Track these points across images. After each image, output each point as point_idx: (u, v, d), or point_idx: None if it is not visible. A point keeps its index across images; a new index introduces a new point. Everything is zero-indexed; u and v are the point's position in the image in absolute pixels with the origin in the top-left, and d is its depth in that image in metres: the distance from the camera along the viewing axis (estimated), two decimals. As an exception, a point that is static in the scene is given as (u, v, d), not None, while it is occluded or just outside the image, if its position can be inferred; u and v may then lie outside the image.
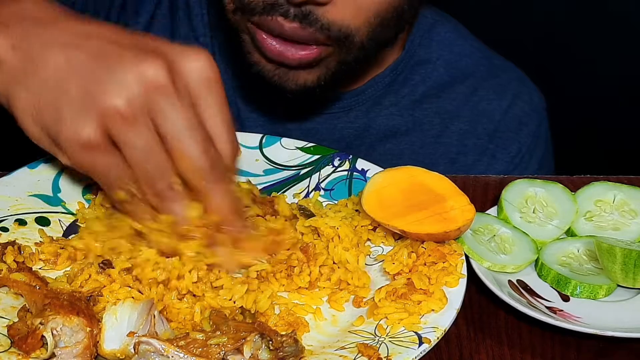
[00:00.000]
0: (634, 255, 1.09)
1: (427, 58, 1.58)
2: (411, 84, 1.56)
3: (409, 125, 1.56)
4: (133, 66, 1.00)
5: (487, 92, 1.59)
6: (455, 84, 1.58)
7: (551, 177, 1.26)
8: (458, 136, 1.56)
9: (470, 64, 1.60)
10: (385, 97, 1.55)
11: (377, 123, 1.55)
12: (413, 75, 1.57)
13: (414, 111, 1.56)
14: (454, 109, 1.57)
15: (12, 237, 1.13)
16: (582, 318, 1.08)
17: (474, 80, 1.59)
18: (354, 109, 1.54)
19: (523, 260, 1.14)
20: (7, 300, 1.05)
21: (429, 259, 1.08)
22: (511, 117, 1.58)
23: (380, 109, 1.55)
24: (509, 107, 1.59)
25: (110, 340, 0.96)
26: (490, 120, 1.57)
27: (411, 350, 0.98)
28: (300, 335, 1.02)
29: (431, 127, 1.56)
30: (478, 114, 1.57)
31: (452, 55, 1.59)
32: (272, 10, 1.29)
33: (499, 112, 1.58)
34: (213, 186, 1.04)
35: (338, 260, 1.11)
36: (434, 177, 1.16)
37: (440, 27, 1.60)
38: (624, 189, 1.22)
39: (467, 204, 1.11)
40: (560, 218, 1.20)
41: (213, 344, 0.95)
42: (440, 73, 1.58)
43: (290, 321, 1.04)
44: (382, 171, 1.19)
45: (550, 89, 1.75)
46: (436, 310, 1.03)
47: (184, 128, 1.01)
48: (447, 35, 1.60)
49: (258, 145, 1.28)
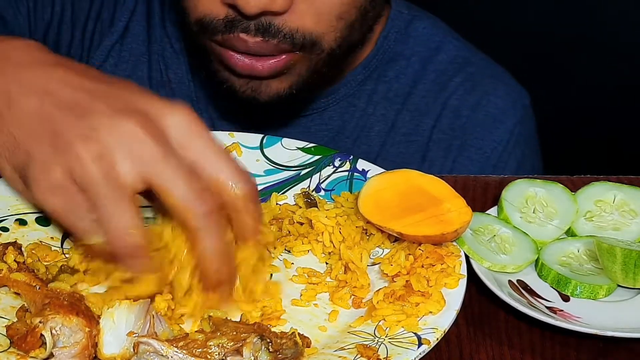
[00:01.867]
0: (634, 256, 1.09)
1: (401, 54, 1.56)
2: (384, 81, 1.55)
3: (381, 125, 1.54)
4: (107, 118, 0.99)
5: (457, 87, 1.56)
6: (427, 80, 1.56)
7: (551, 177, 1.26)
8: (428, 133, 1.54)
9: (444, 60, 1.57)
10: (359, 97, 1.54)
11: (351, 124, 1.54)
12: (387, 71, 1.55)
13: (386, 110, 1.55)
14: (424, 106, 1.55)
15: (12, 237, 1.13)
16: (582, 318, 1.08)
17: (446, 76, 1.56)
18: (327, 110, 1.53)
19: (523, 261, 1.14)
20: (6, 300, 1.05)
21: (427, 261, 1.08)
22: (483, 114, 1.55)
23: (355, 110, 1.54)
24: (478, 103, 1.55)
25: (109, 344, 0.96)
26: (457, 116, 1.55)
27: (410, 351, 0.98)
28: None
29: (402, 125, 1.54)
30: (446, 110, 1.55)
31: (427, 51, 1.57)
32: (232, 28, 1.30)
33: (467, 108, 1.55)
34: (204, 229, 0.99)
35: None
36: (430, 179, 1.16)
37: (417, 22, 1.58)
38: (624, 189, 1.22)
39: (464, 207, 1.11)
40: (560, 218, 1.20)
41: (213, 344, 0.95)
42: (414, 69, 1.56)
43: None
44: (379, 174, 1.19)
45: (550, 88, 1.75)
46: (434, 312, 1.03)
47: (161, 164, 0.98)
48: (424, 31, 1.58)
49: (259, 145, 1.28)
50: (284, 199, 1.23)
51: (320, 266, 1.14)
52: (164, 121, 1.00)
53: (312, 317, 1.07)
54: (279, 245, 1.15)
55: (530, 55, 2.14)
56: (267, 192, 1.23)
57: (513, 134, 1.55)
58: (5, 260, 1.06)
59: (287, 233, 1.17)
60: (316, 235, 1.15)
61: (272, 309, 1.06)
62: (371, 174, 1.23)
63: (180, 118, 1.01)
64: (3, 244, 1.09)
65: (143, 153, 0.98)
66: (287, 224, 1.17)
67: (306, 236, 1.16)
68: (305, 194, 1.21)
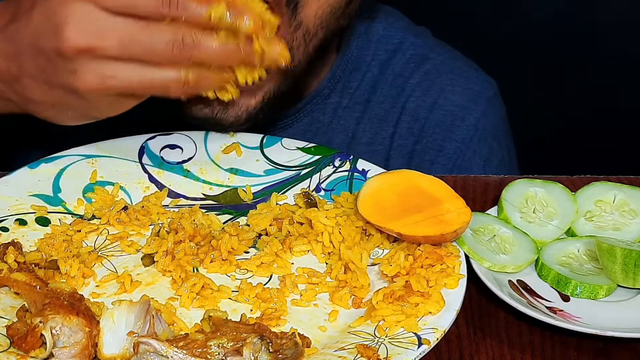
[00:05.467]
0: (634, 255, 1.09)
1: (363, 60, 1.49)
2: (349, 93, 1.48)
3: (342, 136, 1.48)
4: None
5: (414, 89, 1.49)
6: (385, 84, 1.49)
7: (551, 177, 1.26)
8: (388, 141, 1.48)
9: (401, 61, 1.50)
10: (324, 112, 1.48)
11: (315, 140, 1.36)
12: (350, 82, 1.48)
13: (346, 120, 1.48)
14: (383, 112, 1.49)
15: (12, 237, 1.13)
16: (582, 318, 1.08)
17: (402, 78, 1.50)
18: (291, 127, 1.46)
19: (523, 260, 1.14)
20: (6, 300, 1.05)
21: (426, 262, 1.08)
22: (441, 114, 1.48)
23: (319, 126, 1.47)
24: (435, 102, 1.48)
25: (109, 344, 0.96)
26: (415, 119, 1.48)
27: (410, 352, 0.98)
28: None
29: (363, 135, 1.48)
30: (404, 114, 1.48)
31: (385, 54, 1.50)
32: None
33: (424, 109, 1.48)
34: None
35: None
36: (430, 180, 1.16)
37: (378, 24, 1.51)
38: (624, 189, 1.22)
39: (464, 207, 1.11)
40: (560, 218, 1.20)
41: (213, 344, 0.95)
42: (373, 74, 1.49)
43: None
44: (378, 174, 1.19)
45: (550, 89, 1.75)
46: (433, 313, 1.03)
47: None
48: (383, 32, 1.51)
49: (259, 145, 1.28)
50: (284, 199, 1.23)
51: (320, 266, 1.14)
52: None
53: (312, 317, 1.07)
54: (278, 243, 1.15)
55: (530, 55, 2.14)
56: (267, 192, 1.23)
57: (477, 129, 1.48)
58: (5, 260, 1.06)
59: (287, 233, 1.17)
60: (316, 236, 1.15)
61: (276, 309, 1.06)
62: (371, 174, 1.23)
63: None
64: (3, 244, 1.09)
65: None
66: (287, 224, 1.17)
67: (306, 236, 1.16)
68: (305, 194, 1.21)
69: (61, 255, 1.11)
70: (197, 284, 1.08)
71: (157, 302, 1.06)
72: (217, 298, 1.08)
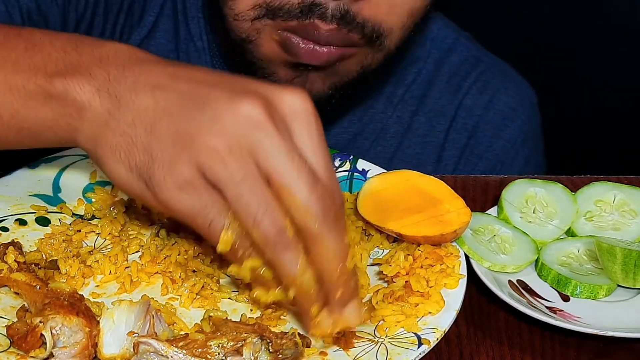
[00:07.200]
0: (634, 255, 1.09)
1: (419, 56, 1.57)
2: (405, 84, 1.56)
3: (397, 126, 1.55)
4: (227, 104, 0.94)
5: (470, 88, 1.57)
6: (441, 81, 1.57)
7: (551, 177, 1.26)
8: (443, 134, 1.56)
9: (457, 61, 1.59)
10: (378, 100, 1.54)
11: (370, 127, 1.54)
12: (406, 75, 1.56)
13: (402, 112, 1.55)
14: (439, 107, 1.56)
15: (12, 237, 1.13)
16: (582, 318, 1.08)
17: (459, 77, 1.58)
18: (348, 114, 1.52)
19: (523, 261, 1.14)
20: (6, 300, 1.05)
21: (426, 262, 1.08)
22: (494, 113, 1.57)
23: (374, 112, 1.54)
24: (490, 102, 1.57)
25: (109, 344, 0.96)
26: (470, 115, 1.56)
27: (410, 352, 0.98)
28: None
29: (419, 127, 1.55)
30: (460, 110, 1.57)
31: (441, 53, 1.58)
32: (309, 13, 1.25)
33: (480, 107, 1.57)
34: (326, 231, 0.94)
35: None
36: (429, 180, 1.16)
37: (432, 24, 1.58)
38: (624, 189, 1.22)
39: (463, 207, 1.11)
40: (560, 218, 1.20)
41: (213, 344, 0.95)
42: (429, 71, 1.57)
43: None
44: (378, 175, 1.19)
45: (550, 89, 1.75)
46: (433, 313, 1.03)
47: (288, 162, 0.93)
48: (438, 32, 1.59)
49: (258, 145, 1.28)
50: (285, 198, 1.22)
51: (320, 266, 1.14)
52: (280, 102, 0.95)
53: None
54: None
55: (530, 55, 2.14)
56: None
57: (522, 131, 1.58)
58: (5, 260, 1.06)
59: None
60: None
61: (276, 309, 1.06)
62: (371, 174, 1.23)
63: (295, 99, 0.96)
64: (3, 244, 1.09)
65: (268, 146, 0.93)
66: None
67: None
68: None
69: (61, 255, 1.11)
70: (197, 284, 1.08)
71: (157, 302, 1.06)
72: (217, 298, 1.08)
